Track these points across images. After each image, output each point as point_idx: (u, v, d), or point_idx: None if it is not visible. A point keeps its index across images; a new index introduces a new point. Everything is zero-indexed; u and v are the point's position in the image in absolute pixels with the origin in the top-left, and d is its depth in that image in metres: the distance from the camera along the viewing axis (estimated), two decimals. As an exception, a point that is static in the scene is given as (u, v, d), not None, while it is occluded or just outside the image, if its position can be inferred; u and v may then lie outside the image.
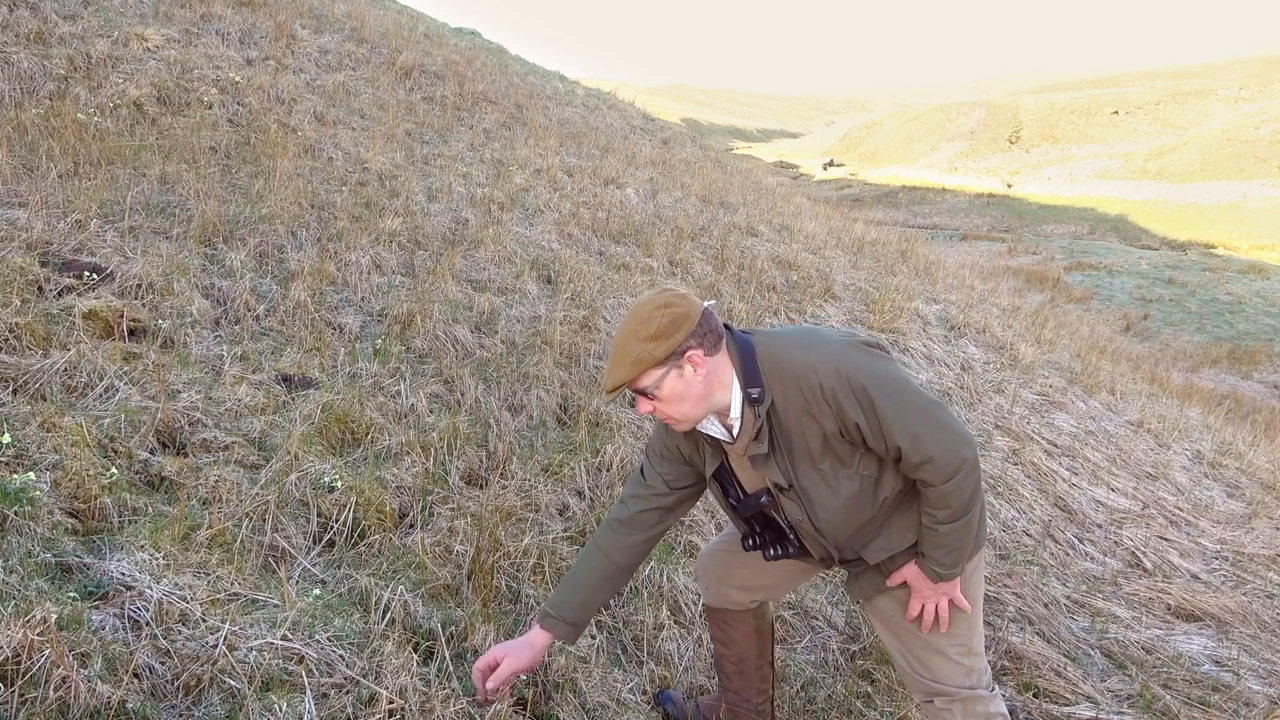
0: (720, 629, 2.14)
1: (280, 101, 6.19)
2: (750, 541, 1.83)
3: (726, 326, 1.69)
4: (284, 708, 1.73)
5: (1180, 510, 4.51)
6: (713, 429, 1.70)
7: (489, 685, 1.84)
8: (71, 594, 1.87)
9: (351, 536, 2.47)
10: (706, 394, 1.63)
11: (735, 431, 1.69)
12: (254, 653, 1.84)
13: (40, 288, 3.10)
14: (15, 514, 2.01)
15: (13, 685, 1.57)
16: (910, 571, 1.75)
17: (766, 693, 2.20)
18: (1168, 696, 2.78)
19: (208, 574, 2.05)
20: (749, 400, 1.63)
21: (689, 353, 1.59)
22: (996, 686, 1.91)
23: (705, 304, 1.64)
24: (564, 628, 1.87)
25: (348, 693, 1.85)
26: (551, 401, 3.58)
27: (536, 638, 1.87)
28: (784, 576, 2.05)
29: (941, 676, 1.80)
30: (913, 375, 1.61)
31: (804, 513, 1.70)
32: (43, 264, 3.22)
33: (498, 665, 1.84)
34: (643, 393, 1.63)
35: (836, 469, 1.64)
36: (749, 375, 1.62)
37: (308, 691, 1.78)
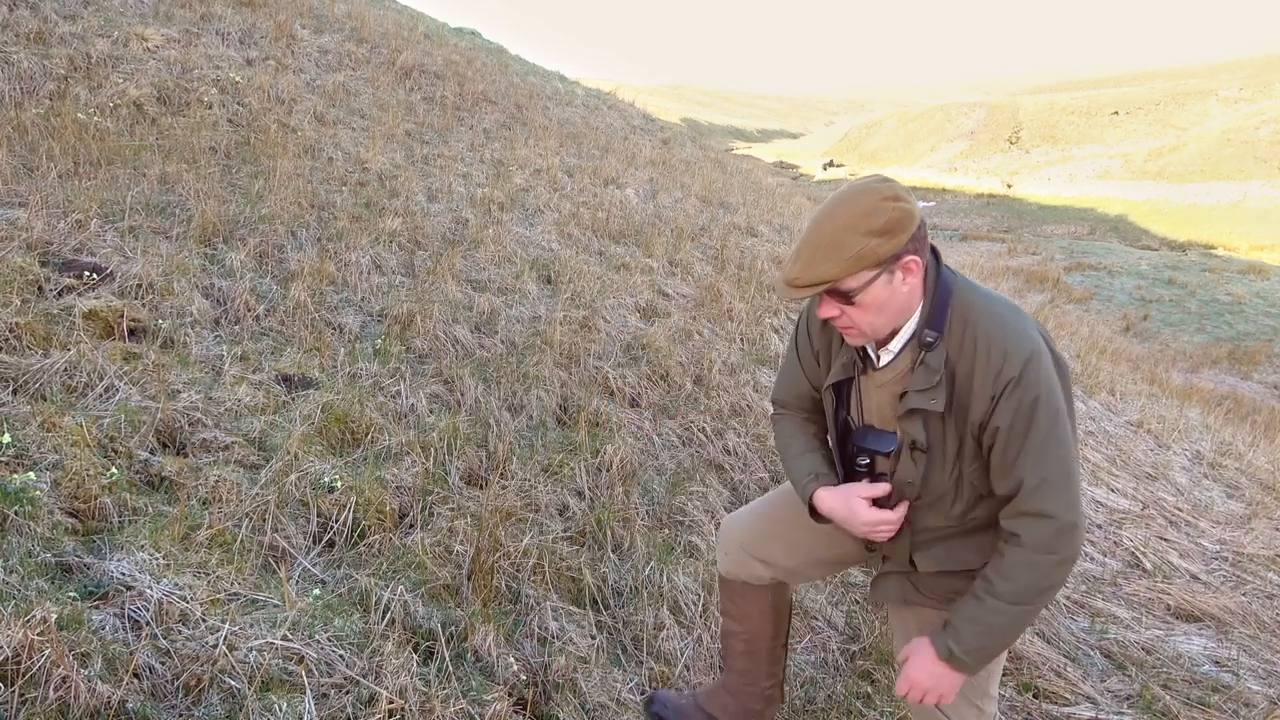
0: (734, 603, 1.96)
1: (280, 101, 6.19)
2: (860, 466, 1.62)
3: (933, 248, 1.50)
4: (284, 708, 1.73)
5: (1180, 511, 4.51)
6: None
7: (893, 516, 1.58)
8: (71, 594, 1.87)
9: (351, 536, 2.46)
10: (907, 307, 1.45)
11: (882, 362, 1.52)
12: (254, 653, 1.84)
13: (40, 288, 3.10)
14: (15, 514, 2.01)
15: (13, 685, 1.57)
16: (917, 645, 1.56)
17: (777, 676, 2.04)
18: (1167, 697, 2.78)
19: (208, 574, 2.05)
20: (921, 341, 1.46)
21: (908, 258, 1.40)
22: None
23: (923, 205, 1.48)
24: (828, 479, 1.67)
25: (348, 693, 1.85)
26: (551, 401, 3.58)
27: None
28: (817, 561, 1.88)
29: (952, 714, 1.67)
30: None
31: (917, 479, 1.53)
32: (43, 264, 3.22)
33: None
34: (842, 294, 1.40)
35: (961, 457, 1.49)
36: (935, 314, 1.45)
37: (308, 691, 1.78)
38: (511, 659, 2.14)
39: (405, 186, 5.48)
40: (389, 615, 2.13)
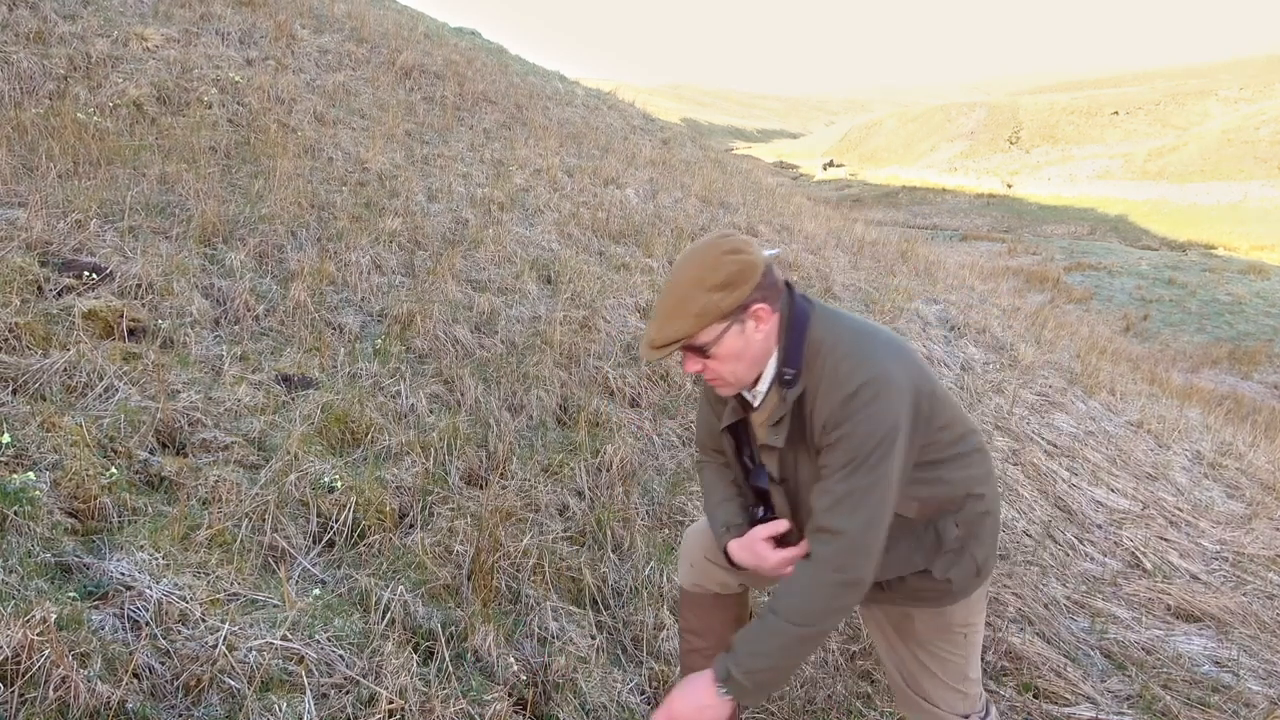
0: (698, 617, 1.93)
1: (280, 101, 6.19)
2: (756, 513, 1.69)
3: (786, 284, 1.53)
4: (284, 708, 1.73)
5: (1180, 511, 4.50)
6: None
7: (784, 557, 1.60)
8: (71, 594, 1.87)
9: (351, 536, 2.46)
10: (765, 351, 1.48)
11: (756, 403, 1.56)
12: (254, 653, 1.84)
13: (40, 288, 3.09)
14: (15, 514, 2.01)
15: (13, 685, 1.57)
16: (698, 674, 1.50)
17: None
18: (1168, 697, 2.78)
19: (207, 574, 2.05)
20: (780, 379, 1.49)
21: (755, 306, 1.43)
22: (993, 708, 1.82)
23: (767, 253, 1.49)
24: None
25: (347, 693, 1.85)
26: (551, 401, 3.57)
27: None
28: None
29: (935, 699, 1.70)
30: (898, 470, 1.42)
31: (786, 512, 1.59)
32: (43, 264, 3.22)
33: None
34: (698, 349, 1.46)
35: None
36: (790, 351, 1.47)
37: (308, 691, 1.78)
38: (511, 659, 2.14)
39: (405, 186, 5.48)
40: (389, 615, 2.12)
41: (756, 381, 1.54)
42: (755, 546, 1.61)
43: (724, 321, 1.43)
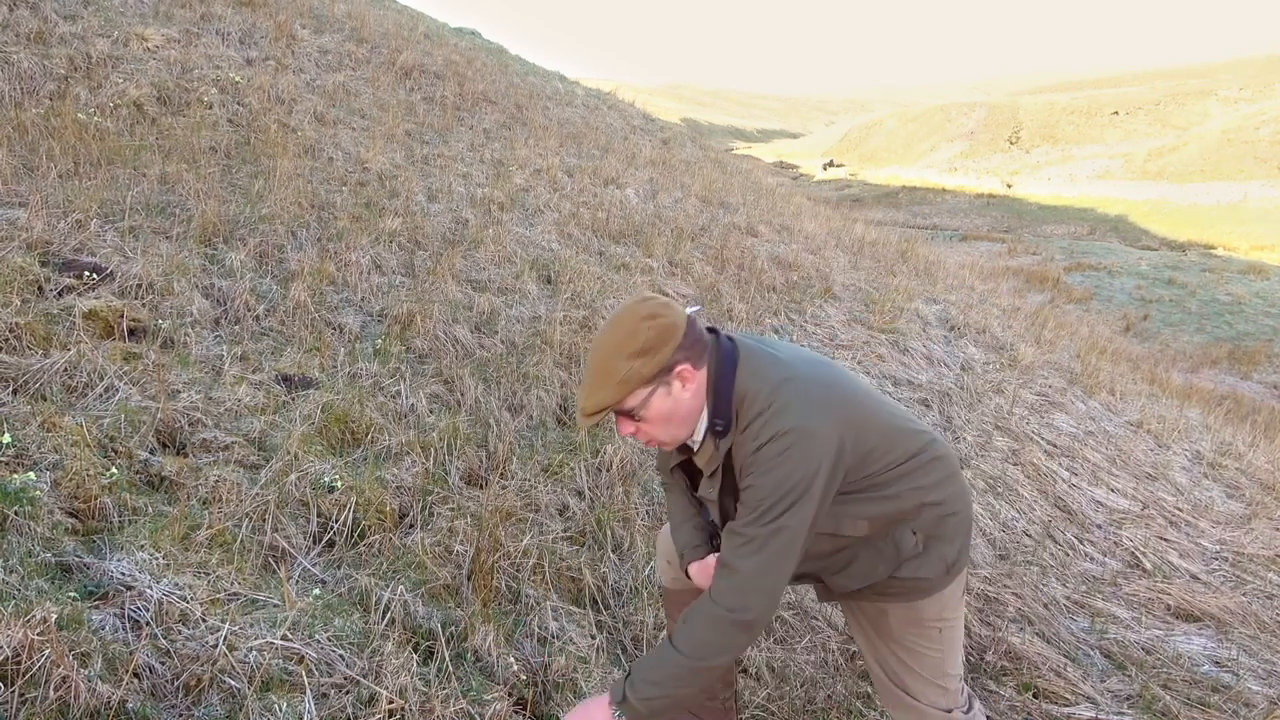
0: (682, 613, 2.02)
1: (280, 101, 6.19)
2: (716, 543, 1.74)
3: (712, 330, 1.55)
4: (284, 708, 1.73)
5: (1180, 511, 4.51)
6: None
7: None
8: (71, 594, 1.87)
9: (351, 536, 2.46)
10: (695, 408, 1.51)
11: (696, 448, 1.60)
12: (254, 653, 1.84)
13: (40, 288, 3.10)
14: (15, 514, 2.01)
15: (13, 685, 1.57)
16: (598, 698, 1.55)
17: (731, 684, 2.09)
18: (1167, 697, 2.78)
19: (208, 574, 2.05)
20: (712, 430, 1.51)
21: (678, 368, 1.46)
22: (977, 704, 1.82)
23: (689, 310, 1.52)
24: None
25: (348, 693, 1.85)
26: (551, 401, 3.58)
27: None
28: None
29: (916, 693, 1.72)
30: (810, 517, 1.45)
31: None
32: (43, 264, 3.22)
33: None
34: (627, 414, 1.49)
35: None
36: (718, 404, 1.49)
37: (308, 691, 1.78)
38: (511, 659, 2.14)
39: (405, 186, 5.48)
40: (389, 615, 2.13)
41: (693, 432, 1.57)
42: (711, 571, 1.65)
43: (648, 386, 1.45)
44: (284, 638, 1.89)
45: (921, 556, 1.61)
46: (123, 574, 1.97)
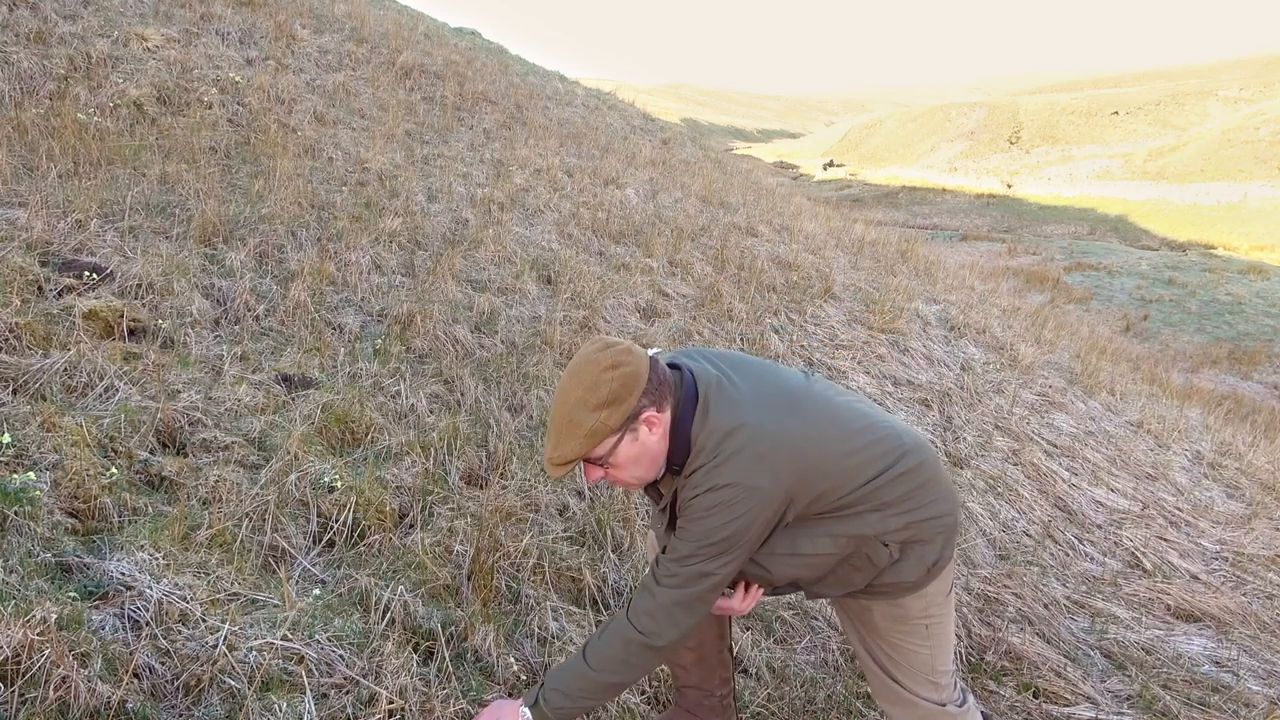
0: None
1: (280, 101, 6.19)
2: None
3: (674, 366, 1.55)
4: (284, 708, 1.73)
5: (1180, 511, 4.51)
6: None
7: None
8: (71, 594, 1.87)
9: (351, 536, 2.46)
10: (663, 450, 1.52)
11: (659, 476, 1.62)
12: (254, 653, 1.84)
13: (40, 288, 3.09)
14: (15, 514, 2.01)
15: (13, 685, 1.57)
16: (511, 702, 1.59)
17: (729, 681, 2.10)
18: (1168, 697, 2.78)
19: (208, 574, 2.05)
20: (669, 467, 1.54)
21: (644, 414, 1.46)
22: (971, 699, 1.83)
23: (650, 352, 1.51)
24: None
25: (348, 693, 1.85)
26: (551, 402, 3.57)
27: None
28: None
29: (908, 686, 1.73)
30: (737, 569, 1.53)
31: None
32: (43, 264, 3.22)
33: None
34: (596, 462, 1.51)
35: None
36: (676, 444, 1.51)
37: (308, 691, 1.78)
38: (511, 659, 2.14)
39: (405, 186, 5.48)
40: (389, 615, 2.12)
41: (661, 469, 1.59)
42: None
43: (615, 435, 1.46)
44: (284, 638, 1.89)
45: (900, 562, 1.60)
46: (123, 574, 1.97)
